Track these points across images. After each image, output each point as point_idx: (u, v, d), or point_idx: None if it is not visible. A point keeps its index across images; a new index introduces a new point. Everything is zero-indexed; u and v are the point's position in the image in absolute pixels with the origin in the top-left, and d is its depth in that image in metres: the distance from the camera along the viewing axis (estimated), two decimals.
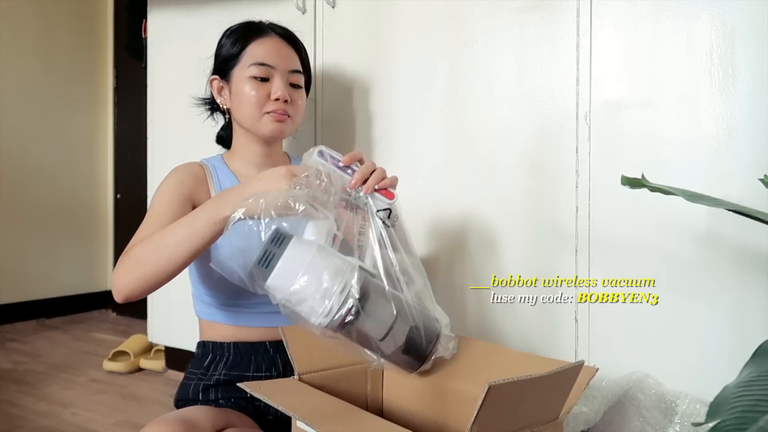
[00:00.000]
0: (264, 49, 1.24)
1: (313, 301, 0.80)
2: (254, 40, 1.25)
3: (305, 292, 0.80)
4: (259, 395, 0.84)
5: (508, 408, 0.72)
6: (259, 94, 1.22)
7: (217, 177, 1.25)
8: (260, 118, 1.23)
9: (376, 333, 0.84)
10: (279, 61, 1.24)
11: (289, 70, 1.25)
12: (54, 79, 2.92)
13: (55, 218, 2.90)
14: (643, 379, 1.16)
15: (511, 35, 1.37)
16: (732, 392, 0.55)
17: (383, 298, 0.84)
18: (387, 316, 0.84)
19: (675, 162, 1.20)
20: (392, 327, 0.83)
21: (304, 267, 0.80)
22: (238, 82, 1.24)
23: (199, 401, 1.17)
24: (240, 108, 1.24)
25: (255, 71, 1.22)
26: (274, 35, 1.27)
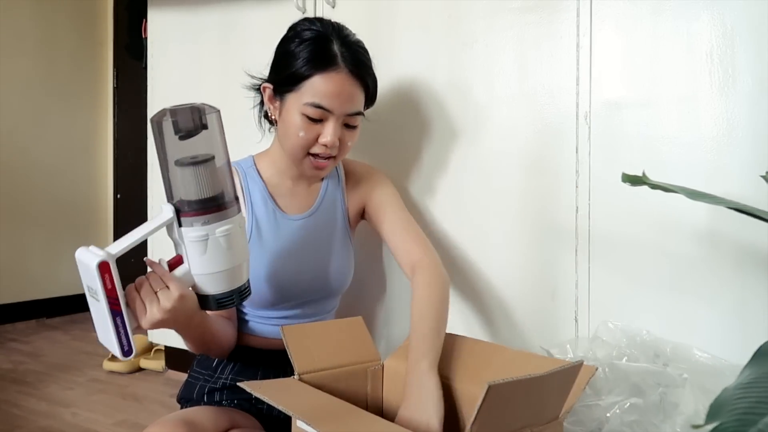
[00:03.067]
0: (327, 88, 1.11)
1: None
2: (320, 72, 1.12)
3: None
4: (259, 395, 0.84)
5: (508, 407, 0.72)
6: (307, 135, 1.13)
7: (246, 185, 1.23)
8: (303, 158, 1.17)
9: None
10: (338, 105, 1.13)
11: (347, 113, 1.15)
12: (54, 79, 2.92)
13: (55, 218, 2.90)
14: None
15: (511, 35, 1.37)
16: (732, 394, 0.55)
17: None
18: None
19: (675, 162, 1.20)
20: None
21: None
22: (290, 110, 1.15)
23: (203, 402, 1.17)
24: (285, 138, 1.17)
25: (310, 111, 1.12)
26: (343, 70, 1.12)
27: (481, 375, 0.98)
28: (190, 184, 0.87)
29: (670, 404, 1.03)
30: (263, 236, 1.20)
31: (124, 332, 0.86)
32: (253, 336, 1.23)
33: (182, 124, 0.85)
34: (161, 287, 0.90)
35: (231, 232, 0.89)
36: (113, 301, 0.84)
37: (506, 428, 0.74)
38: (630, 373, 1.06)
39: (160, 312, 0.89)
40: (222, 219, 0.88)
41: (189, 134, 0.86)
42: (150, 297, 0.89)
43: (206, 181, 0.87)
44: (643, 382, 1.05)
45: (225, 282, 0.92)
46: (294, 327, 1.02)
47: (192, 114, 0.86)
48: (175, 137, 0.86)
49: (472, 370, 1.01)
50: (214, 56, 1.80)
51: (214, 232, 0.87)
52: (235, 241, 0.90)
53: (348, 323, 1.10)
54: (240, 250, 0.92)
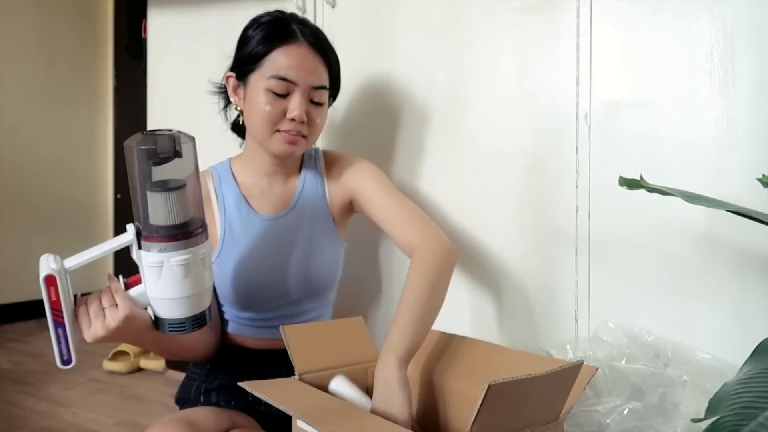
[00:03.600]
0: (288, 60, 1.12)
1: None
2: (280, 46, 1.13)
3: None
4: (259, 395, 0.84)
5: (509, 407, 0.72)
6: (273, 110, 1.12)
7: (221, 189, 1.22)
8: (271, 135, 1.14)
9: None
10: (302, 77, 1.12)
11: (311, 86, 1.14)
12: (54, 79, 2.92)
13: (55, 218, 2.90)
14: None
15: (511, 35, 1.37)
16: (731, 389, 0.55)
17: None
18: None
19: (675, 162, 1.20)
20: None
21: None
22: (254, 91, 1.14)
23: (200, 403, 1.17)
24: (251, 119, 1.16)
25: (274, 85, 1.11)
26: (303, 43, 1.14)
27: (481, 375, 0.98)
28: (157, 210, 0.86)
29: (671, 405, 1.03)
30: (236, 239, 1.19)
31: (64, 342, 0.88)
32: (243, 337, 1.22)
33: (157, 151, 0.85)
34: (110, 305, 0.90)
35: (188, 263, 0.88)
36: (56, 312, 0.87)
37: (506, 428, 0.74)
38: (630, 375, 1.06)
39: (103, 329, 0.90)
40: (180, 249, 0.87)
41: (162, 161, 0.86)
42: (97, 313, 0.90)
43: (173, 208, 0.86)
44: (643, 382, 1.05)
45: (178, 309, 0.91)
46: (294, 327, 1.02)
47: (167, 142, 0.86)
48: (148, 162, 0.85)
49: (472, 370, 1.01)
50: (214, 56, 1.79)
51: (170, 260, 0.87)
52: (191, 271, 0.88)
53: (348, 323, 1.10)
54: (196, 281, 0.90)
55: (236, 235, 1.19)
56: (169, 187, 0.86)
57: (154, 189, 0.86)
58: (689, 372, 1.08)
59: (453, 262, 1.12)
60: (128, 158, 0.86)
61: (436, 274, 1.07)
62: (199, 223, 0.91)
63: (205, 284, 0.92)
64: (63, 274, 0.87)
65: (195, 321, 0.92)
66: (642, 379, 1.05)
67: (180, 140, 0.87)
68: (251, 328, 1.21)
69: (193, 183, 0.90)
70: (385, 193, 1.21)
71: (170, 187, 0.86)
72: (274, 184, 1.23)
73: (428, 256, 1.09)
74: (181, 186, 0.87)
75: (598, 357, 1.15)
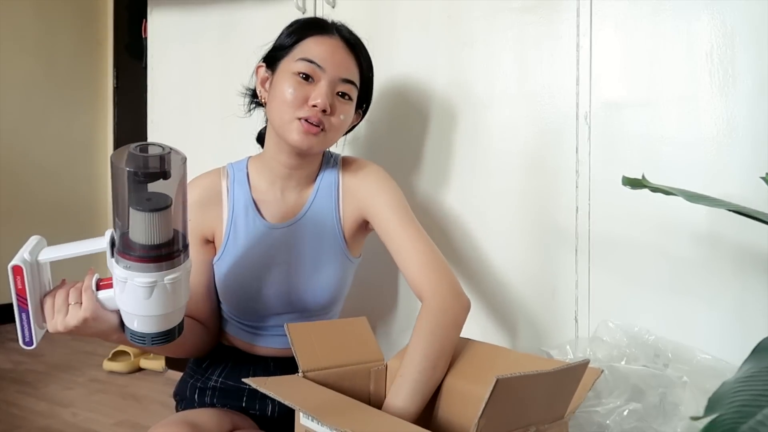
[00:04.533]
0: (319, 47, 1.10)
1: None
2: (313, 35, 1.12)
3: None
4: (264, 390, 0.85)
5: (515, 403, 0.72)
6: (296, 93, 1.08)
7: (233, 189, 1.18)
8: (290, 121, 1.08)
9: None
10: (331, 65, 1.09)
11: (340, 78, 1.10)
12: (54, 79, 2.92)
13: (55, 218, 2.90)
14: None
15: (511, 35, 1.37)
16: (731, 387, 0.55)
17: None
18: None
19: (675, 162, 1.20)
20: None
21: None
22: (281, 75, 1.11)
23: (195, 401, 1.17)
24: (273, 103, 1.12)
25: (301, 67, 1.08)
26: (337, 36, 1.13)
27: (485, 375, 0.98)
28: (135, 227, 0.83)
29: (671, 405, 1.03)
30: (239, 243, 1.16)
31: (27, 326, 0.92)
32: (239, 340, 1.21)
33: (144, 170, 0.81)
34: (75, 302, 0.91)
35: (151, 286, 0.85)
36: (21, 299, 0.90)
37: (513, 425, 0.74)
38: (630, 375, 1.06)
39: (62, 325, 0.90)
40: (145, 271, 0.84)
41: (148, 180, 0.82)
42: (60, 308, 0.91)
43: (152, 228, 0.83)
44: (643, 382, 1.05)
45: (139, 323, 0.90)
46: (299, 325, 1.02)
47: (156, 162, 0.82)
48: (132, 180, 0.81)
49: (477, 370, 1.01)
50: (214, 56, 1.80)
51: (134, 279, 0.85)
52: (155, 294, 0.86)
53: (352, 323, 1.09)
54: (159, 303, 0.87)
55: (239, 238, 1.16)
56: (150, 208, 0.82)
57: (135, 207, 0.82)
58: (689, 372, 1.08)
59: (462, 320, 1.05)
60: (113, 171, 0.82)
61: (441, 341, 1.00)
62: (175, 246, 0.86)
63: (168, 307, 0.89)
64: (34, 265, 0.90)
65: (156, 338, 0.90)
66: (642, 380, 1.05)
67: (170, 161, 0.82)
68: (247, 333, 1.20)
69: (180, 202, 0.86)
70: (402, 224, 1.13)
71: (152, 207, 0.82)
72: (287, 191, 1.18)
73: (435, 318, 1.02)
74: (162, 207, 0.83)
75: (598, 357, 1.15)
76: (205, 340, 1.20)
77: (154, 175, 0.81)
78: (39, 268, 0.92)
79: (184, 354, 1.18)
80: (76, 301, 0.91)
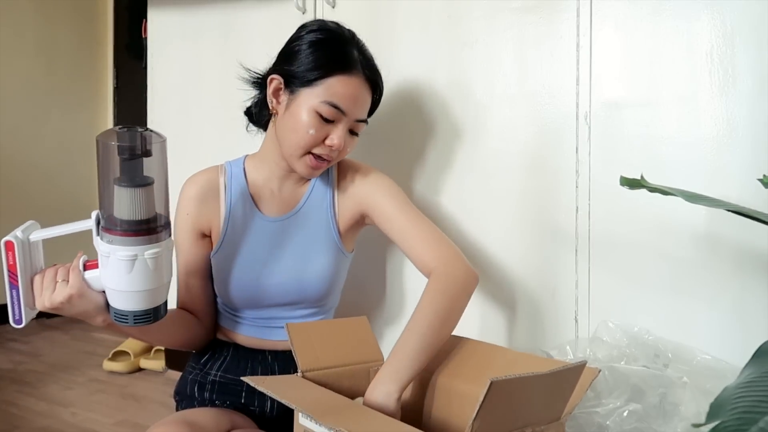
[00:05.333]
0: (345, 90, 1.10)
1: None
2: (339, 74, 1.10)
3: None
4: (262, 389, 0.85)
5: (510, 405, 0.72)
6: (317, 134, 1.10)
7: (230, 185, 1.21)
8: (302, 156, 1.12)
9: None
10: (353, 109, 1.12)
11: (356, 119, 1.14)
12: (54, 79, 2.92)
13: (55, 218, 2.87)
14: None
15: (511, 35, 1.37)
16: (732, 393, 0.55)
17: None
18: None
19: (675, 162, 1.20)
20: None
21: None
22: (301, 106, 1.10)
23: (195, 398, 1.17)
24: (289, 132, 1.13)
25: (325, 110, 1.09)
26: (360, 76, 1.13)
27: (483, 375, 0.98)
28: (120, 203, 0.90)
29: (671, 405, 1.03)
30: (237, 236, 1.19)
31: (17, 303, 0.96)
32: (238, 334, 1.23)
33: (126, 147, 0.88)
34: (62, 280, 0.95)
35: (132, 260, 0.90)
36: (12, 276, 0.95)
37: (508, 426, 0.74)
38: (630, 375, 1.06)
39: (49, 302, 0.95)
40: (127, 244, 0.89)
41: (131, 158, 0.89)
42: (48, 285, 0.95)
43: (135, 204, 0.89)
44: (643, 383, 1.05)
45: (121, 300, 0.93)
46: (299, 325, 1.03)
47: (137, 139, 0.89)
48: (117, 158, 0.89)
49: (475, 371, 1.01)
50: (214, 56, 1.80)
51: (116, 253, 0.90)
52: (136, 268, 0.91)
53: (352, 323, 1.10)
54: (140, 279, 0.91)
55: (237, 232, 1.19)
56: (133, 184, 0.89)
57: (119, 183, 0.89)
58: (689, 372, 1.08)
59: (472, 288, 1.09)
60: (98, 151, 0.90)
61: (451, 301, 1.04)
62: (157, 223, 0.92)
63: (149, 284, 0.92)
64: (26, 243, 0.96)
65: (137, 317, 0.94)
66: (642, 380, 1.05)
67: (151, 139, 0.89)
68: (244, 326, 1.22)
69: (160, 182, 0.92)
70: (401, 211, 1.17)
71: (136, 183, 0.89)
72: (284, 187, 1.22)
73: (445, 282, 1.06)
74: (145, 184, 0.89)
75: (598, 357, 1.15)
76: (199, 333, 1.22)
77: (137, 150, 0.88)
78: (31, 247, 0.97)
79: (176, 345, 1.20)
80: (63, 279, 0.95)
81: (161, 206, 0.93)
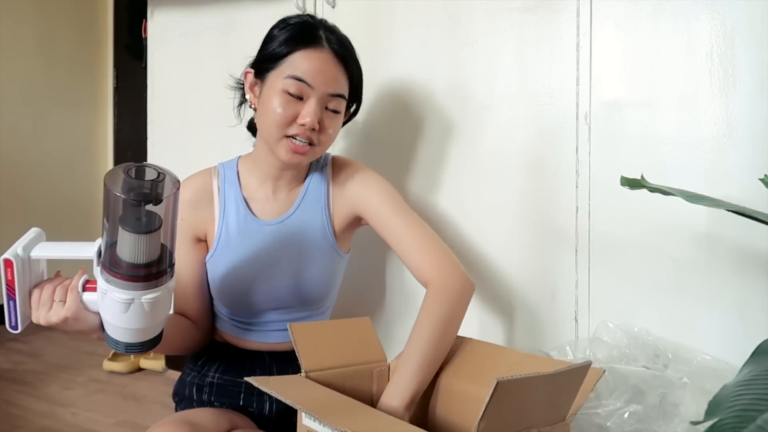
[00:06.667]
0: (309, 64, 1.08)
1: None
2: (302, 48, 1.09)
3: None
4: (266, 389, 0.85)
5: (516, 406, 0.72)
6: (285, 112, 1.07)
7: (224, 188, 1.20)
8: (279, 139, 1.09)
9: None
10: (320, 82, 1.08)
11: (329, 94, 1.10)
12: (54, 79, 2.92)
13: (55, 218, 2.90)
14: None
15: (511, 35, 1.37)
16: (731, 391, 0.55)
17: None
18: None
19: (675, 162, 1.20)
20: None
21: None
22: (269, 89, 1.10)
23: (194, 400, 1.17)
24: (262, 119, 1.12)
25: (289, 85, 1.07)
26: (327, 49, 1.10)
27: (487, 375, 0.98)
28: (123, 244, 0.85)
29: (671, 406, 1.03)
30: (231, 240, 1.17)
31: (14, 313, 0.95)
32: (233, 337, 1.22)
33: (136, 194, 0.82)
34: (59, 300, 0.93)
35: (127, 303, 0.87)
36: (10, 289, 0.94)
37: (514, 427, 0.74)
38: (630, 376, 1.06)
39: (44, 320, 0.93)
40: (123, 288, 0.86)
41: (140, 204, 0.83)
42: (44, 303, 0.94)
43: (137, 249, 0.84)
44: (643, 383, 1.05)
45: (115, 332, 0.92)
46: (302, 325, 1.02)
47: (150, 186, 0.83)
48: (124, 201, 0.83)
49: (479, 371, 1.00)
50: (214, 56, 1.80)
51: (113, 293, 0.87)
52: (132, 310, 0.87)
53: (355, 323, 1.09)
54: (135, 319, 0.89)
55: (231, 236, 1.18)
56: (139, 230, 0.83)
57: (123, 226, 0.83)
58: (689, 373, 1.08)
59: (468, 297, 1.08)
60: (106, 190, 0.83)
61: (450, 314, 1.03)
62: (159, 267, 0.87)
63: (144, 323, 0.90)
64: (26, 260, 0.95)
65: (129, 347, 0.93)
66: (642, 381, 1.05)
67: (163, 186, 0.83)
68: (241, 330, 1.21)
69: (169, 222, 0.86)
70: (397, 215, 1.15)
71: (141, 230, 0.83)
72: (277, 190, 1.20)
73: (443, 294, 1.05)
74: (151, 230, 0.84)
75: (598, 358, 1.15)
76: (195, 338, 1.21)
77: (146, 199, 0.83)
78: (31, 263, 0.96)
79: (174, 351, 1.20)
80: (60, 299, 0.93)
81: (168, 241, 0.87)
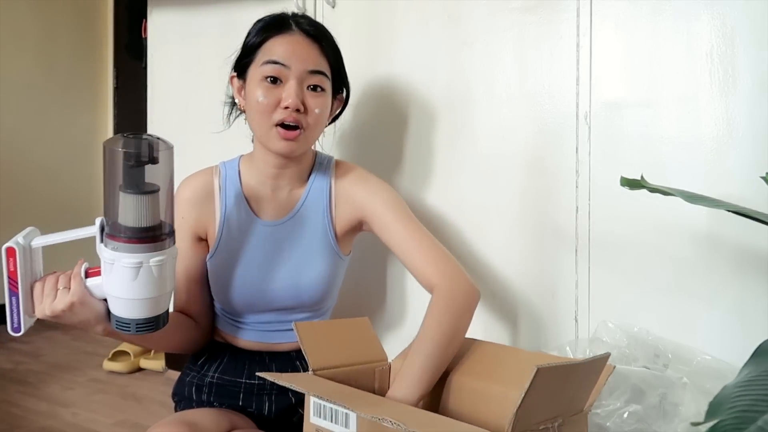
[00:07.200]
0: (282, 47, 1.10)
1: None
2: (273, 36, 1.11)
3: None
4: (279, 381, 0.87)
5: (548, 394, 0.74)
6: (267, 99, 1.08)
7: (225, 187, 1.19)
8: (269, 129, 1.09)
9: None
10: (295, 61, 1.09)
11: (307, 71, 1.10)
12: (54, 79, 2.92)
13: (55, 218, 2.90)
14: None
15: (511, 35, 1.37)
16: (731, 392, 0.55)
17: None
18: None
19: (675, 162, 1.20)
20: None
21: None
22: (251, 83, 1.12)
23: (193, 400, 1.17)
24: (250, 115, 1.13)
25: (266, 70, 1.09)
26: (297, 31, 1.12)
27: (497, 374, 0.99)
28: (126, 210, 0.89)
29: (671, 405, 1.03)
30: (232, 239, 1.17)
31: (16, 311, 0.95)
32: (235, 337, 1.22)
33: (133, 154, 0.87)
34: (64, 287, 0.93)
35: (137, 267, 0.89)
36: (12, 282, 0.94)
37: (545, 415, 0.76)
38: (630, 376, 1.06)
39: (50, 310, 0.93)
40: (131, 252, 0.88)
41: (138, 165, 0.88)
42: (48, 292, 0.94)
43: (141, 211, 0.88)
44: (643, 383, 1.05)
45: (123, 308, 0.92)
46: (306, 324, 1.02)
47: (144, 146, 0.88)
48: (123, 164, 0.88)
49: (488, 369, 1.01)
50: (214, 56, 1.79)
51: (121, 260, 0.89)
52: (141, 276, 0.90)
53: (355, 323, 1.10)
54: (144, 286, 0.90)
55: (232, 235, 1.17)
56: (140, 191, 0.88)
57: (125, 190, 0.88)
58: (689, 373, 1.08)
59: (474, 304, 1.08)
60: (105, 158, 0.89)
61: (455, 321, 1.03)
62: (162, 231, 0.91)
63: (153, 291, 0.91)
64: (27, 249, 0.94)
65: (140, 325, 0.93)
66: (642, 381, 1.05)
67: (158, 146, 0.89)
68: (241, 330, 1.21)
69: (166, 190, 0.91)
70: (401, 222, 1.15)
71: (142, 190, 0.88)
72: (278, 190, 1.19)
73: (448, 301, 1.05)
74: (151, 191, 0.89)
75: None
76: (195, 336, 1.21)
77: (144, 158, 0.87)
78: (32, 254, 0.96)
79: (174, 349, 1.21)
80: (64, 286, 0.93)
81: (166, 214, 0.92)
